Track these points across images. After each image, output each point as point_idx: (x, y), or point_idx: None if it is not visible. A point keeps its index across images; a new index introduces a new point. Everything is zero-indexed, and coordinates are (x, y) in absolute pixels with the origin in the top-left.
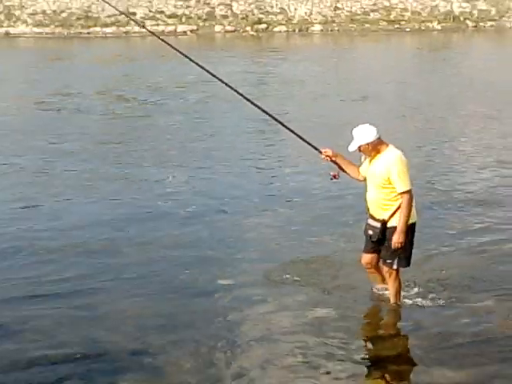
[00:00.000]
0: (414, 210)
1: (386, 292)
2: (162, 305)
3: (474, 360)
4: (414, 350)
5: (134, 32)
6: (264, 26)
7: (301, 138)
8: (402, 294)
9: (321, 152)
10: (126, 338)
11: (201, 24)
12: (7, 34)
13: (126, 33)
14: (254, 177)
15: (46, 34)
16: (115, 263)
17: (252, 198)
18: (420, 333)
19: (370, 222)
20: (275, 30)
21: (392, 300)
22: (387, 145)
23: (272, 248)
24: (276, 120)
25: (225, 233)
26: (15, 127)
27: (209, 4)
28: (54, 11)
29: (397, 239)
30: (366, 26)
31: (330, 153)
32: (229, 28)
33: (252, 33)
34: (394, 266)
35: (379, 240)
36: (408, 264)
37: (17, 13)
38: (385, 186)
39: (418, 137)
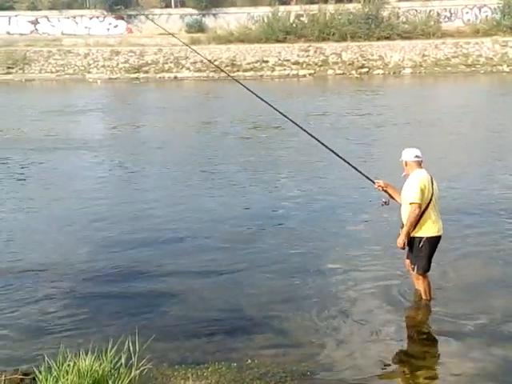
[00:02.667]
0: (438, 225)
1: None
2: (287, 281)
3: None
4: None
5: (267, 75)
6: (366, 69)
7: (357, 170)
8: None
9: (374, 183)
10: (259, 306)
11: (317, 69)
12: (175, 77)
13: (261, 76)
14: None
15: (203, 77)
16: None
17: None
18: None
19: (400, 231)
20: (374, 72)
21: (423, 296)
22: (420, 168)
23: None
24: (337, 155)
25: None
26: (173, 144)
27: (323, 54)
28: (209, 60)
29: (398, 240)
30: (448, 68)
31: (381, 183)
32: (338, 71)
33: (356, 75)
34: (415, 271)
35: (410, 247)
36: (425, 271)
37: (183, 62)
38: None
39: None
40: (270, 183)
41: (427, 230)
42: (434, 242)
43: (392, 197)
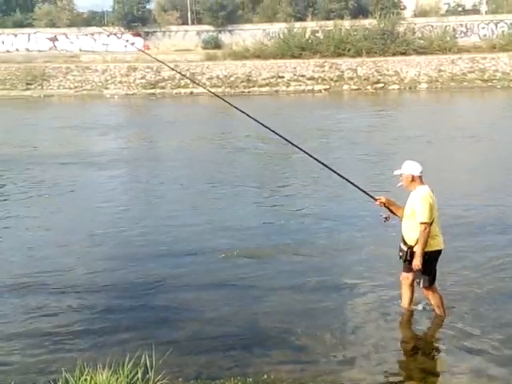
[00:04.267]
0: (440, 238)
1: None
2: (305, 297)
3: None
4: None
5: (282, 91)
6: (381, 84)
7: (359, 188)
8: None
9: (375, 199)
10: (276, 321)
11: (332, 84)
12: (191, 92)
13: (276, 91)
14: None
15: (219, 92)
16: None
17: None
18: None
19: (401, 245)
20: (390, 88)
21: (437, 311)
22: (423, 184)
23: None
24: (336, 173)
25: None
26: (191, 159)
27: (339, 69)
28: (225, 76)
29: (415, 262)
30: (464, 83)
31: (383, 199)
32: (354, 87)
33: (372, 90)
34: (421, 285)
35: (410, 261)
36: (431, 284)
37: (199, 77)
38: (412, 217)
39: None
40: (287, 198)
41: (431, 244)
42: (436, 255)
43: (392, 212)
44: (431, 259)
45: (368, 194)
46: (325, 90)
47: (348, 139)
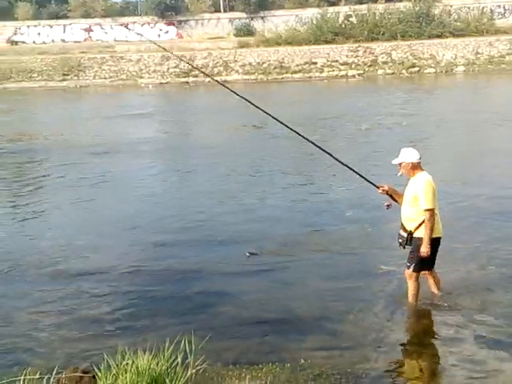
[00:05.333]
0: (439, 225)
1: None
2: (340, 283)
3: None
4: None
5: (315, 77)
6: (416, 68)
7: (362, 176)
8: None
9: (378, 187)
10: (312, 308)
11: (366, 69)
12: (225, 80)
13: (310, 77)
14: None
15: (252, 79)
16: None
17: None
18: None
19: (401, 232)
20: (425, 71)
21: (410, 299)
22: (422, 170)
23: None
24: (341, 162)
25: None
26: (225, 147)
27: (373, 53)
28: (258, 63)
29: (423, 249)
30: (503, 66)
31: (386, 187)
32: (388, 71)
33: (407, 74)
34: (411, 269)
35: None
36: (421, 269)
37: (232, 65)
38: (414, 204)
39: None
40: (320, 184)
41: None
42: (436, 242)
43: (394, 199)
44: (431, 246)
45: (370, 182)
46: (359, 75)
47: (388, 124)
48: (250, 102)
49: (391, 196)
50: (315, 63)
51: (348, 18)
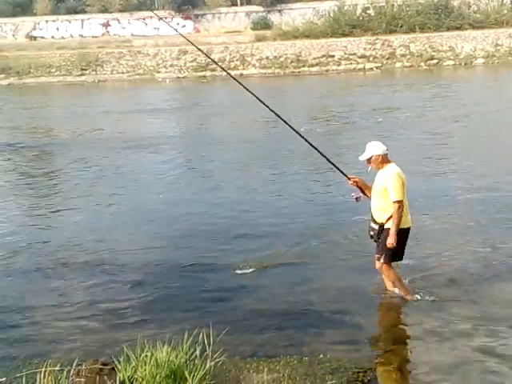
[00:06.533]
0: (408, 216)
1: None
2: (359, 276)
3: None
4: None
5: (332, 70)
6: (435, 61)
7: (335, 166)
8: None
9: (349, 179)
10: (330, 301)
11: (384, 62)
12: (241, 74)
13: (327, 70)
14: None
15: (268, 73)
16: (325, 245)
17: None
18: None
19: (371, 224)
20: (444, 64)
21: (390, 287)
22: (390, 162)
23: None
24: (318, 151)
25: None
26: (243, 141)
27: (391, 46)
28: (275, 56)
29: (389, 241)
30: None
31: (357, 179)
32: (406, 64)
33: (425, 67)
34: (382, 260)
35: (380, 239)
36: (393, 260)
37: (248, 59)
38: (383, 195)
39: None
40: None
41: (401, 221)
42: (406, 233)
43: (364, 192)
44: (400, 237)
45: (343, 173)
46: (376, 68)
47: (405, 118)
48: (257, 97)
49: (360, 188)
50: (332, 56)
51: (366, 10)
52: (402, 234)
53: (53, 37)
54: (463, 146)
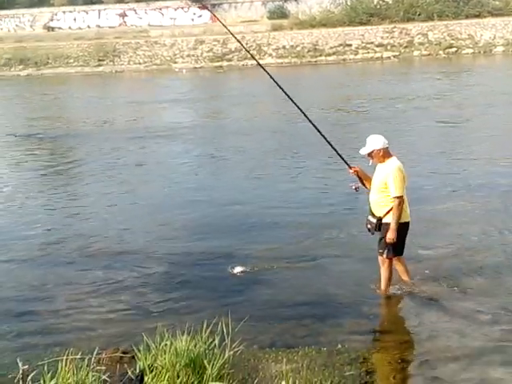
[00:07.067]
0: (407, 210)
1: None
2: (376, 269)
3: None
4: None
5: (349, 59)
6: (454, 49)
7: (338, 153)
8: None
9: (350, 168)
10: (347, 292)
11: (402, 50)
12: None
13: (344, 60)
14: None
15: (285, 63)
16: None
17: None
18: None
19: (369, 217)
20: (463, 52)
21: (382, 286)
22: (392, 155)
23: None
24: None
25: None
26: (261, 131)
27: (409, 34)
28: (292, 46)
29: (389, 236)
30: None
31: (358, 169)
32: (424, 52)
33: (444, 55)
34: (385, 255)
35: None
36: (396, 255)
37: (265, 48)
38: (383, 190)
39: None
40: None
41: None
42: (406, 227)
43: (363, 183)
44: (401, 230)
45: (344, 161)
46: (394, 56)
47: (424, 107)
48: (273, 79)
49: (360, 178)
50: (350, 45)
51: None
52: (403, 229)
53: (70, 27)
54: (488, 132)
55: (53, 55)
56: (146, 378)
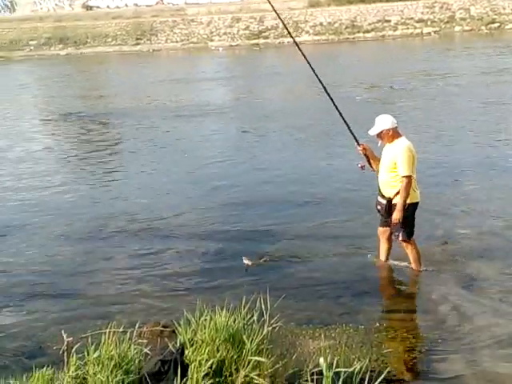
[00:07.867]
0: (418, 191)
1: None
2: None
3: None
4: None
5: (388, 35)
6: (497, 24)
7: (349, 128)
8: None
9: (359, 144)
10: (385, 271)
11: (442, 26)
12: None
13: (383, 36)
14: None
15: (322, 40)
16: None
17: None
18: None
19: (379, 198)
20: (506, 27)
21: (414, 266)
22: (401, 135)
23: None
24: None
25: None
26: (295, 109)
27: (450, 9)
28: (329, 23)
29: (395, 216)
30: None
31: (366, 147)
32: (466, 28)
33: (486, 31)
34: (400, 238)
35: (388, 214)
36: (410, 236)
37: (302, 26)
38: (392, 169)
39: None
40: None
41: (411, 196)
42: (416, 207)
43: (369, 162)
44: (410, 212)
45: (354, 137)
46: (434, 32)
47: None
48: (311, 66)
49: (367, 158)
50: (389, 21)
51: None
52: (413, 209)
53: (108, 6)
54: None
55: (91, 34)
56: (186, 352)
